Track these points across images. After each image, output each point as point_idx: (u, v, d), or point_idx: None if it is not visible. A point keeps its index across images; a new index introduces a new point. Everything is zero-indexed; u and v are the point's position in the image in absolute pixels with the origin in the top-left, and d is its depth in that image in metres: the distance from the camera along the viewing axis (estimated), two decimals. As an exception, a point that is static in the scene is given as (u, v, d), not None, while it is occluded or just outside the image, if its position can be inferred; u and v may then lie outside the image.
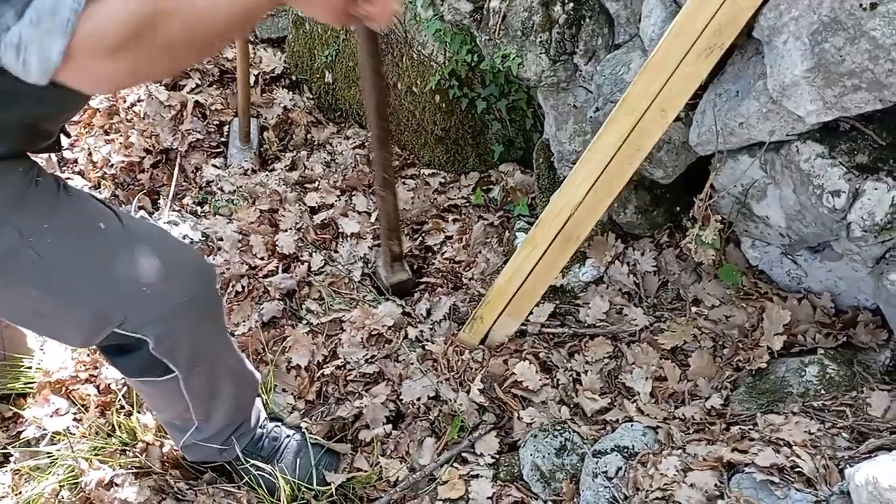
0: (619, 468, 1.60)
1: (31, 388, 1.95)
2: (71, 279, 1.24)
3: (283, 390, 1.99)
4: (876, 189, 1.47)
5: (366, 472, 1.79)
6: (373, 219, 2.57)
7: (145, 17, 0.86)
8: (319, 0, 1.17)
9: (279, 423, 1.83)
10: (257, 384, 1.71)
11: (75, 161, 2.82)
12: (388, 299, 2.24)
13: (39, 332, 1.47)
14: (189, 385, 1.45)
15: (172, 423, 1.65)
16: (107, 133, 2.87)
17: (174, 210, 2.69)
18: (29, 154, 1.25)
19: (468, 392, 1.90)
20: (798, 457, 1.47)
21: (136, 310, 1.29)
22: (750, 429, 1.62)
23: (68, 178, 2.70)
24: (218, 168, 2.85)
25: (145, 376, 1.41)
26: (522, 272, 1.89)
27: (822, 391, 1.66)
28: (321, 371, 2.02)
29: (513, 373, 1.91)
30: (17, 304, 1.27)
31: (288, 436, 1.80)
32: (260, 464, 1.70)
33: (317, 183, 2.74)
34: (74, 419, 1.91)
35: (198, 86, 3.09)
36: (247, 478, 1.72)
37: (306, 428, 1.85)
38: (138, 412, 1.89)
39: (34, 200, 1.21)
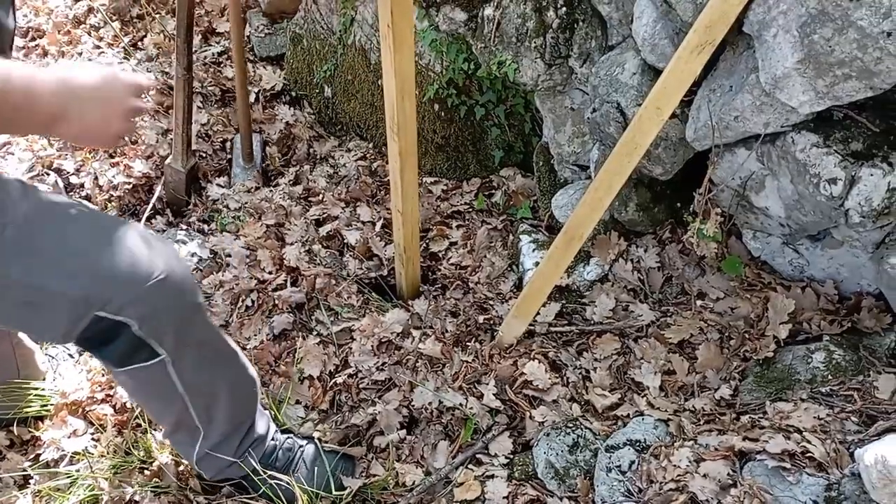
0: (633, 462, 1.62)
1: (47, 410, 1.98)
2: (53, 261, 1.26)
3: (297, 402, 2.01)
4: (871, 175, 1.49)
5: (382, 477, 1.81)
6: (377, 228, 2.60)
7: None
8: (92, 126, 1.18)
9: (291, 435, 1.85)
10: (255, 381, 1.69)
11: (82, 185, 2.85)
12: (395, 306, 2.27)
13: (22, 326, 1.47)
14: (180, 371, 1.45)
15: (181, 439, 1.65)
16: (111, 157, 2.91)
17: (181, 229, 2.72)
18: None
19: (479, 395, 1.92)
20: (808, 442, 1.48)
21: (118, 288, 1.30)
22: (760, 417, 1.64)
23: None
24: (223, 186, 2.88)
25: (133, 363, 1.40)
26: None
27: (830, 377, 1.67)
28: (333, 380, 2.04)
29: (523, 373, 1.93)
30: (3, 296, 1.28)
31: (301, 446, 1.81)
32: (277, 475, 1.72)
33: (321, 196, 2.76)
34: (92, 439, 1.92)
35: (200, 107, 3.13)
36: (264, 488, 1.73)
37: (320, 437, 1.87)
38: (153, 430, 1.91)
39: (6, 188, 1.24)
